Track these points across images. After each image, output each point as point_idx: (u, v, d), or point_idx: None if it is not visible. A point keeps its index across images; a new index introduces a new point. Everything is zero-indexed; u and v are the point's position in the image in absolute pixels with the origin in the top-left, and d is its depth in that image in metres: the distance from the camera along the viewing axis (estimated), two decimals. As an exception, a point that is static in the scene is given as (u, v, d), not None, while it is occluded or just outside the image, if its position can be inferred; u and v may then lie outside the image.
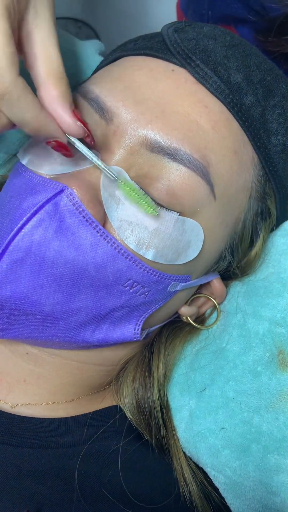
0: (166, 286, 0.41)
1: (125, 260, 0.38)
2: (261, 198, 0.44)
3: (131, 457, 0.45)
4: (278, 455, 0.41)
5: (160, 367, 0.47)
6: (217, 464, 0.43)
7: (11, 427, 0.44)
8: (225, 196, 0.41)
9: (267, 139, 0.42)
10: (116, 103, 0.39)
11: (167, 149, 0.38)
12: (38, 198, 0.36)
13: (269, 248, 0.48)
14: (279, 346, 0.44)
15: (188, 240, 0.39)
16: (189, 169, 0.38)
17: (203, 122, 0.39)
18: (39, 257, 0.36)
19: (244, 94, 0.40)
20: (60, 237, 0.36)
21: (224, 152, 0.40)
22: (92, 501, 0.41)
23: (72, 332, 0.40)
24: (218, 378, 0.45)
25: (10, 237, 0.35)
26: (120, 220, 0.38)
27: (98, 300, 0.39)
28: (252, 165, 0.42)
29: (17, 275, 0.36)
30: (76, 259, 0.37)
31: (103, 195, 0.38)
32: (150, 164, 0.38)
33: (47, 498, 0.41)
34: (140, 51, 0.43)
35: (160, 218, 0.38)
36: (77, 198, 0.36)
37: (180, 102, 0.39)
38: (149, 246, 0.38)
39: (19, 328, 0.39)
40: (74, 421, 0.45)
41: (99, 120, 0.39)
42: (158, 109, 0.38)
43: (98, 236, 0.37)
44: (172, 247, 0.39)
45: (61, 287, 0.37)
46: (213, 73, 0.40)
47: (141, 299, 0.40)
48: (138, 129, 0.38)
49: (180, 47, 0.41)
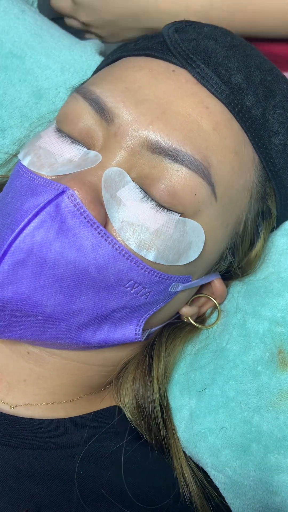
0: (167, 287, 0.41)
1: (126, 261, 0.38)
2: (261, 199, 0.44)
3: (130, 458, 0.45)
4: (278, 454, 0.41)
5: (160, 367, 0.47)
6: (217, 463, 0.43)
7: (10, 428, 0.43)
8: (226, 196, 0.41)
9: (268, 140, 0.42)
10: (117, 103, 0.39)
11: (168, 150, 0.38)
12: (40, 199, 0.36)
13: (269, 248, 0.48)
14: (279, 346, 0.44)
15: (189, 241, 0.39)
16: (190, 170, 0.38)
17: (204, 123, 0.39)
18: (40, 258, 0.36)
19: (244, 94, 0.40)
20: (62, 238, 0.36)
21: (225, 152, 0.40)
22: (92, 502, 0.41)
23: (73, 333, 0.40)
24: (218, 377, 0.45)
25: (12, 238, 0.35)
26: (122, 221, 0.38)
27: (99, 301, 0.39)
28: (253, 166, 0.42)
29: (18, 276, 0.36)
30: (78, 260, 0.36)
31: (104, 196, 0.38)
32: (151, 165, 0.38)
33: (46, 499, 0.41)
34: (141, 52, 0.43)
35: (161, 219, 0.38)
36: (78, 199, 0.36)
37: (181, 103, 0.39)
38: (151, 247, 0.38)
39: (20, 329, 0.39)
40: (74, 422, 0.45)
41: (100, 120, 0.39)
42: (159, 110, 0.38)
43: (99, 237, 0.37)
44: (173, 248, 0.39)
45: (62, 288, 0.37)
46: (214, 74, 0.40)
47: (142, 300, 0.40)
48: (139, 130, 0.38)
49: (180, 48, 0.41)
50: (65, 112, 0.41)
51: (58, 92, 0.57)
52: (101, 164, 0.38)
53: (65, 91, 0.57)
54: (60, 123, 0.42)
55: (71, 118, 0.41)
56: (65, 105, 0.42)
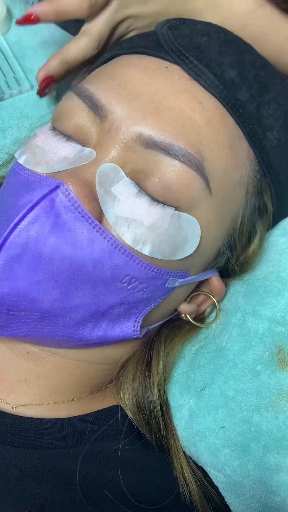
0: (164, 282, 0.41)
1: (122, 255, 0.38)
2: (258, 194, 0.44)
3: (131, 457, 0.45)
4: (277, 454, 0.41)
5: (159, 366, 0.47)
6: (217, 463, 0.43)
7: (13, 427, 0.43)
8: (221, 191, 0.41)
9: (263, 135, 0.42)
10: (110, 100, 0.39)
11: (161, 144, 0.38)
12: (34, 195, 0.36)
13: (268, 247, 0.48)
14: (279, 345, 0.44)
15: (185, 235, 0.39)
16: (184, 164, 0.38)
17: (197, 118, 0.39)
18: (36, 253, 0.36)
19: (238, 89, 0.41)
20: (57, 233, 0.36)
21: (219, 147, 0.40)
22: (94, 502, 0.41)
23: (71, 330, 0.40)
24: (217, 377, 0.45)
25: (7, 233, 0.36)
26: (116, 217, 0.38)
27: (96, 296, 0.39)
28: (248, 160, 0.42)
29: (14, 272, 0.36)
30: (73, 255, 0.37)
31: (99, 192, 0.38)
32: (145, 160, 0.39)
33: (48, 499, 0.41)
34: (135, 49, 0.43)
35: (156, 214, 0.38)
36: (72, 194, 0.37)
37: (174, 99, 0.39)
38: (146, 241, 0.38)
39: (17, 326, 0.39)
40: (76, 422, 0.45)
41: (94, 117, 0.40)
42: (152, 105, 0.39)
43: (95, 232, 0.37)
44: (169, 243, 0.39)
45: (58, 284, 0.37)
46: (207, 69, 0.40)
47: (139, 296, 0.40)
48: (132, 126, 0.38)
49: (173, 44, 0.41)
50: (59, 110, 0.42)
51: (58, 92, 0.58)
52: (96, 160, 0.39)
53: (65, 91, 0.57)
54: (55, 121, 0.42)
55: (65, 116, 0.41)
56: (60, 104, 0.43)
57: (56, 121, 0.42)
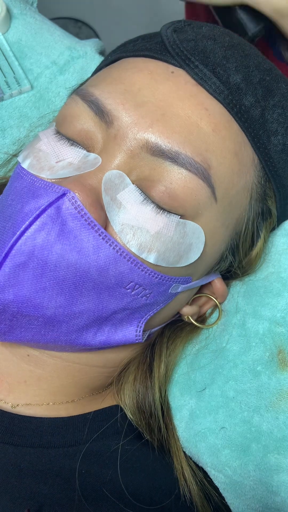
0: (167, 288, 0.41)
1: (127, 263, 0.38)
2: (261, 199, 0.44)
3: (131, 457, 0.45)
4: (278, 454, 0.41)
5: (161, 367, 0.47)
6: (217, 463, 0.44)
7: (12, 426, 0.44)
8: (226, 198, 0.41)
9: (267, 139, 0.42)
10: (116, 106, 0.39)
11: (168, 152, 0.37)
12: (40, 202, 0.36)
13: (269, 248, 0.48)
14: (279, 346, 0.44)
15: (190, 243, 0.39)
16: (190, 172, 0.38)
17: (203, 125, 0.39)
18: (41, 261, 0.36)
19: (243, 94, 0.40)
20: (63, 241, 0.36)
21: (224, 154, 0.40)
22: (93, 501, 0.41)
23: (74, 335, 0.40)
24: (218, 377, 0.45)
25: (13, 241, 0.35)
26: (122, 224, 0.38)
27: (100, 302, 0.39)
28: (253, 166, 0.42)
29: (19, 279, 0.36)
30: (79, 262, 0.36)
31: (105, 199, 0.38)
32: (151, 167, 0.38)
33: (47, 498, 0.41)
34: (140, 52, 0.42)
35: (161, 222, 0.38)
36: (79, 201, 0.36)
37: (180, 105, 0.39)
38: (151, 249, 0.38)
39: (21, 332, 0.39)
40: (75, 421, 0.45)
41: (99, 123, 0.39)
42: (158, 112, 0.38)
43: (101, 239, 0.37)
44: (173, 250, 0.39)
45: (63, 290, 0.37)
46: (212, 74, 0.40)
47: (142, 301, 0.40)
48: (138, 133, 0.38)
49: (179, 48, 0.41)
50: (64, 114, 0.41)
51: (58, 92, 0.58)
52: (101, 167, 0.38)
53: (65, 91, 0.57)
54: (59, 125, 0.42)
55: (70, 120, 0.40)
56: (64, 107, 0.42)
57: (60, 125, 0.41)
